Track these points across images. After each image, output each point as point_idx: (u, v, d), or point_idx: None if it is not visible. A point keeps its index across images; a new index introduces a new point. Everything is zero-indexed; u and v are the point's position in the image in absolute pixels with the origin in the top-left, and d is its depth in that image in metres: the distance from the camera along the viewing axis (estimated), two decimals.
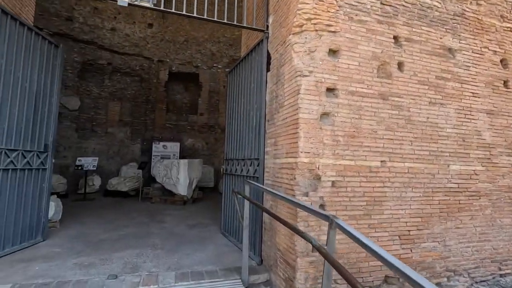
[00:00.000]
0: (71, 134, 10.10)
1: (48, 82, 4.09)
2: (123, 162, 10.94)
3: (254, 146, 3.89)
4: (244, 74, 4.41)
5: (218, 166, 11.73)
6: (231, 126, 4.80)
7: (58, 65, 4.27)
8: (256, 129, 3.86)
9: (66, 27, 9.83)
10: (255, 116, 3.91)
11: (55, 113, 4.22)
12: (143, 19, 11.25)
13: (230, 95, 4.94)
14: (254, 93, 3.98)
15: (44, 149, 4.05)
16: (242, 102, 4.40)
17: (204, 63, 11.99)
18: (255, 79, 3.99)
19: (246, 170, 4.05)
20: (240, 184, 4.24)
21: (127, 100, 11.37)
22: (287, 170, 2.93)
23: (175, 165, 7.52)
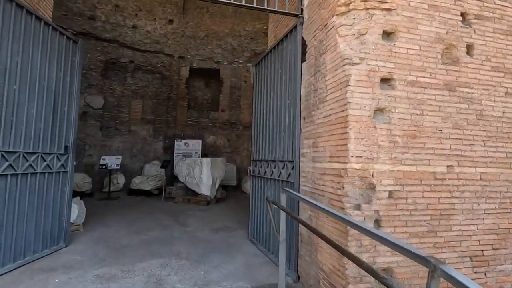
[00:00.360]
0: (96, 132, 10.11)
1: (68, 80, 3.85)
2: (146, 160, 10.87)
3: (287, 147, 3.45)
4: (274, 66, 3.96)
5: (240, 163, 11.41)
6: (258, 124, 4.38)
7: (77, 62, 4.02)
8: (289, 127, 3.41)
9: (89, 26, 9.78)
10: (288, 113, 3.46)
11: (75, 112, 3.99)
12: (163, 15, 11.03)
13: (257, 90, 4.51)
14: (287, 87, 3.53)
15: (65, 151, 3.83)
16: (271, 98, 3.96)
17: (225, 58, 11.62)
18: (287, 71, 3.53)
19: (278, 173, 3.62)
20: (270, 188, 3.82)
21: (149, 97, 11.25)
22: (331, 177, 2.47)
23: (198, 164, 7.24)
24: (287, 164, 3.39)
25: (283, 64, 3.67)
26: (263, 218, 4.04)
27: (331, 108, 2.55)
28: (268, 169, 3.93)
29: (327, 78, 2.63)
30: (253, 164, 4.51)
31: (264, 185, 4.05)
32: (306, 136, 3.06)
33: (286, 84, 3.56)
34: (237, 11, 11.46)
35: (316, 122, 2.84)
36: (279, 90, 3.74)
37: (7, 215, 3.03)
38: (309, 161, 2.95)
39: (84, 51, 4.10)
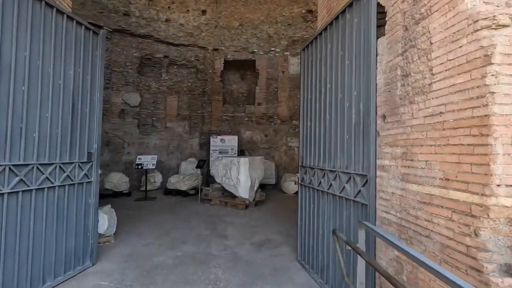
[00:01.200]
0: (134, 130, 9.96)
1: (88, 78, 3.31)
2: (183, 158, 10.55)
3: (353, 155, 2.55)
4: (330, 49, 3.03)
5: (279, 160, 10.60)
6: (309, 122, 3.50)
7: (99, 56, 3.46)
8: (357, 129, 2.50)
9: (124, 23, 9.52)
10: (354, 108, 2.55)
11: (98, 114, 3.45)
12: (196, 5, 10.43)
13: (306, 79, 3.61)
14: (351, 73, 2.61)
15: (88, 158, 3.32)
16: (327, 89, 3.05)
17: (261, 47, 10.75)
18: (353, 52, 2.59)
19: (339, 187, 2.74)
20: (327, 204, 2.97)
21: (184, 93, 10.85)
22: (447, 212, 1.55)
23: (235, 164, 6.57)
24: (355, 177, 2.50)
25: (344, 44, 2.74)
26: (316, 238, 3.21)
27: (443, 103, 1.60)
28: (323, 180, 3.06)
29: (434, 56, 1.68)
30: (302, 171, 3.67)
31: (318, 199, 3.20)
32: (389, 143, 2.13)
33: (350, 70, 2.63)
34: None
35: (408, 123, 1.90)
36: (339, 78, 2.82)
37: (21, 239, 2.56)
38: (395, 179, 2.03)
39: (104, 42, 3.50)
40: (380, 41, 2.29)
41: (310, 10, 9.93)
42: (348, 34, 2.70)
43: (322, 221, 3.10)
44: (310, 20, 10.01)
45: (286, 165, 10.53)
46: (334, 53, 2.93)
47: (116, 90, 9.64)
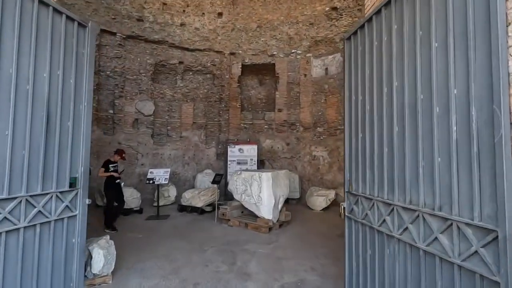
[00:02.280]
0: (147, 140, 9.32)
1: (71, 82, 2.54)
2: (199, 169, 9.79)
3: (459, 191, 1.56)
4: (397, 30, 2.07)
5: (302, 171, 9.59)
6: (360, 133, 2.52)
7: (87, 55, 2.69)
8: (465, 147, 1.52)
9: (138, 29, 8.98)
10: (456, 116, 1.57)
11: (86, 128, 2.66)
12: (212, 8, 9.76)
13: (354, 76, 2.64)
14: (448, 61, 1.64)
15: (70, 185, 2.53)
16: (396, 87, 2.08)
17: (281, 50, 9.88)
18: (450, 26, 1.63)
19: (425, 237, 1.75)
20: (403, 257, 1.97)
21: (200, 100, 10.14)
22: None
23: (256, 180, 5.66)
24: (463, 228, 1.51)
25: (429, 19, 1.78)
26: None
27: None
28: (390, 220, 2.08)
29: None
30: (351, 199, 2.69)
31: (381, 244, 2.21)
32: None
33: (443, 57, 1.67)
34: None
35: None
36: (418, 71, 1.85)
37: None
38: None
39: (94, 38, 2.73)
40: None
41: (334, 7, 8.97)
42: (436, 2, 1.74)
43: (389, 279, 2.10)
44: (335, 18, 9.04)
45: (311, 176, 9.50)
46: (407, 35, 1.97)
47: (129, 99, 9.07)
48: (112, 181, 5.78)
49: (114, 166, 5.90)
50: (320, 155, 9.41)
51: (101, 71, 8.55)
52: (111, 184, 5.78)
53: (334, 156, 9.13)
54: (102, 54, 8.53)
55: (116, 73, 8.79)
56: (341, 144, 8.97)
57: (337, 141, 9.10)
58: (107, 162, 5.87)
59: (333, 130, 9.30)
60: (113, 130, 8.81)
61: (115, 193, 5.81)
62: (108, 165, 5.81)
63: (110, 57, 8.70)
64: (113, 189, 5.79)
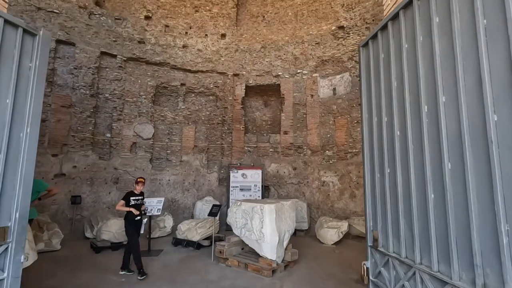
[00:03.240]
0: (146, 165, 8.74)
1: (8, 103, 1.97)
2: (199, 195, 9.07)
3: None
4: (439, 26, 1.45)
5: (310, 198, 8.75)
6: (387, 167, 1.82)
7: (34, 69, 2.14)
8: None
9: (139, 51, 8.72)
10: None
11: (27, 161, 2.06)
12: (215, 29, 9.52)
13: (374, 91, 1.99)
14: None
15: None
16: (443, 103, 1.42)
17: (286, 70, 9.43)
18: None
19: None
20: None
21: (202, 122, 9.64)
22: None
23: (257, 212, 4.91)
24: None
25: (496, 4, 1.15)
26: None
27: None
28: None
29: None
30: (376, 258, 1.93)
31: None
32: None
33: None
34: (298, 14, 9.33)
35: None
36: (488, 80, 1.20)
37: None
38: None
39: (47, 50, 2.19)
40: None
41: (341, 26, 8.56)
42: None
43: None
44: (342, 37, 8.61)
45: (320, 204, 8.63)
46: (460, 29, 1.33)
47: (128, 122, 8.63)
48: (131, 217, 4.81)
49: (136, 199, 4.98)
50: (329, 180, 8.60)
51: (100, 93, 8.21)
52: (130, 222, 4.82)
53: (345, 182, 8.31)
54: (101, 76, 8.23)
55: (115, 96, 8.43)
56: (352, 169, 8.18)
57: (348, 166, 8.32)
58: (128, 194, 4.99)
59: (343, 154, 8.55)
60: (109, 154, 8.30)
61: (133, 230, 4.83)
62: (129, 197, 4.91)
63: (110, 80, 8.38)
64: (132, 225, 4.83)
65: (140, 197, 5.09)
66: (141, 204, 5.07)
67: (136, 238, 4.77)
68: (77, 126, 7.65)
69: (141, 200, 5.11)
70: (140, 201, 5.05)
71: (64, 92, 7.58)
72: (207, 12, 9.35)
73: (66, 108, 7.54)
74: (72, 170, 7.54)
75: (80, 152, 7.68)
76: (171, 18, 9.07)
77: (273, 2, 9.51)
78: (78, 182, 7.61)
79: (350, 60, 8.46)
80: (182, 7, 9.12)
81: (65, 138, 7.49)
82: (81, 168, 7.67)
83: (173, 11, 9.07)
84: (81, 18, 7.76)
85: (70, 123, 7.56)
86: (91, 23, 7.93)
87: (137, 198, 5.02)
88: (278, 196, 9.14)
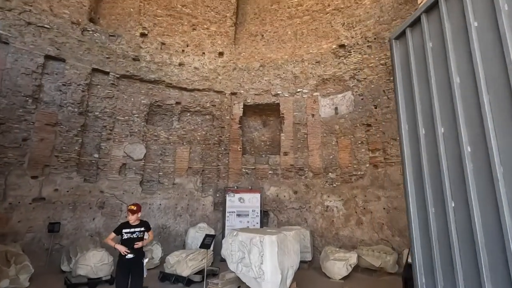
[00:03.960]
0: (135, 188, 8.06)
1: None
2: (193, 221, 8.31)
3: None
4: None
5: (313, 224, 8.03)
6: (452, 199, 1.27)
7: None
8: None
9: (133, 68, 8.36)
10: None
11: None
12: (212, 47, 9.26)
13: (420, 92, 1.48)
14: None
15: None
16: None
17: (285, 89, 9.08)
18: None
19: None
20: None
21: (197, 143, 9.09)
22: None
23: (256, 245, 4.22)
24: None
25: None
26: None
27: None
28: None
29: None
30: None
31: None
32: None
33: None
34: (297, 32, 9.14)
35: None
36: None
37: None
38: None
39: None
40: None
41: (342, 45, 8.33)
42: None
43: None
44: (343, 56, 8.34)
45: (324, 231, 7.90)
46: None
47: (118, 142, 8.06)
48: (122, 256, 3.72)
49: (130, 233, 3.82)
50: (333, 205, 7.94)
51: (89, 111, 7.70)
52: (121, 262, 3.74)
53: (350, 207, 7.65)
54: (92, 93, 7.77)
55: (105, 114, 7.93)
56: (358, 193, 7.57)
57: (352, 189, 7.71)
58: (121, 226, 3.92)
59: (347, 176, 7.97)
60: (96, 176, 7.65)
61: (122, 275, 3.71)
62: (121, 230, 3.84)
63: (101, 97, 7.92)
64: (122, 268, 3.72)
65: (137, 229, 3.86)
66: (138, 239, 3.81)
67: (121, 285, 3.69)
68: (62, 145, 7.06)
69: (138, 233, 3.85)
70: (136, 234, 3.82)
71: (50, 110, 7.07)
72: (204, 30, 9.15)
73: (51, 127, 6.99)
74: (53, 193, 6.84)
75: (63, 173, 7.03)
76: (168, 35, 8.82)
77: (272, 22, 9.36)
78: (59, 207, 6.89)
79: (352, 78, 8.14)
80: (179, 25, 8.92)
81: (48, 158, 6.87)
82: (63, 192, 6.98)
83: (170, 29, 8.85)
84: (73, 34, 7.44)
85: (55, 142, 6.98)
86: (84, 39, 7.61)
87: (132, 231, 3.82)
88: (278, 222, 8.41)
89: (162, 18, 8.71)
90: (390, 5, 7.48)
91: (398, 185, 6.93)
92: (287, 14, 9.23)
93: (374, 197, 7.25)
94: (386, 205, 7.03)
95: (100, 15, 8.43)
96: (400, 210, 6.79)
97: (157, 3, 8.61)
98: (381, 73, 7.59)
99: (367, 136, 7.69)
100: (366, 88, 7.83)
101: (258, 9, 9.62)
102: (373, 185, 7.36)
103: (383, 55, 7.53)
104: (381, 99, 7.53)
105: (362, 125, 7.80)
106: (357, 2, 8.10)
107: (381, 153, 7.38)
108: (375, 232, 7.10)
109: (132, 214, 3.87)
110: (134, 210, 3.88)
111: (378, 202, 7.17)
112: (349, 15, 8.23)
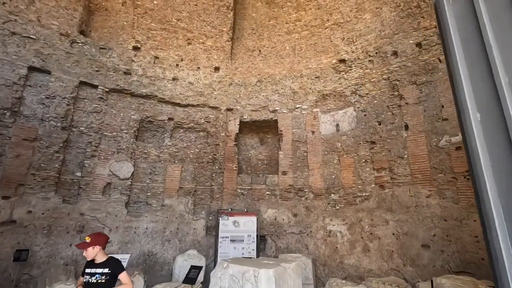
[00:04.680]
0: (120, 210, 7.35)
1: None
2: (182, 247, 7.54)
3: None
4: None
5: (315, 251, 7.27)
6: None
7: None
8: None
9: (123, 82, 7.96)
10: None
11: None
12: (208, 62, 8.95)
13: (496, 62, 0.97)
14: None
15: None
16: None
17: (284, 105, 8.67)
18: None
19: None
20: None
21: (190, 161, 8.51)
22: None
23: (250, 280, 3.53)
24: None
25: None
26: None
27: None
28: None
29: None
30: None
31: None
32: None
33: None
34: (295, 48, 8.89)
35: None
36: None
37: None
38: None
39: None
40: None
41: (342, 60, 8.03)
42: None
43: None
44: (344, 71, 8.02)
45: (327, 259, 7.13)
46: None
47: (103, 159, 7.47)
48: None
49: (90, 275, 2.80)
50: (337, 230, 7.23)
51: (74, 126, 7.18)
52: None
53: (355, 232, 6.95)
54: (78, 108, 7.29)
55: (91, 129, 7.40)
56: (363, 216, 6.91)
57: (357, 212, 7.05)
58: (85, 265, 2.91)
59: (351, 198, 7.34)
60: (76, 197, 6.97)
61: None
62: (84, 270, 2.89)
63: (88, 112, 7.43)
64: None
65: (99, 269, 2.79)
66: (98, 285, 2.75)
67: None
68: (40, 162, 6.46)
69: (100, 277, 2.76)
70: (97, 278, 2.75)
71: (30, 124, 6.55)
72: (200, 44, 8.88)
73: (30, 142, 6.43)
74: (26, 216, 6.14)
75: (39, 193, 6.36)
76: (162, 49, 8.52)
77: (269, 37, 9.14)
78: (31, 232, 6.16)
79: (353, 94, 7.75)
80: (174, 39, 8.65)
81: (23, 176, 6.24)
82: (37, 214, 6.28)
83: (164, 43, 8.56)
84: (61, 46, 7.09)
85: (32, 159, 6.38)
86: (72, 51, 7.25)
87: (93, 272, 2.79)
88: (276, 248, 7.64)
89: (156, 32, 8.45)
90: (391, 19, 7.26)
91: (407, 208, 6.30)
92: (285, 30, 9.04)
93: (382, 221, 6.59)
94: (396, 230, 6.35)
95: (92, 28, 8.16)
96: (411, 236, 6.11)
97: (152, 16, 8.39)
98: (384, 88, 7.22)
99: (371, 154, 7.16)
100: (368, 103, 7.42)
101: (255, 25, 9.45)
102: (380, 208, 6.73)
103: (386, 70, 7.19)
104: (385, 115, 7.09)
105: (365, 142, 7.30)
106: (357, 17, 7.90)
107: (387, 173, 6.81)
108: (384, 261, 6.37)
109: (85, 249, 2.81)
110: (87, 243, 2.83)
111: (386, 226, 6.50)
112: (349, 29, 8.00)
